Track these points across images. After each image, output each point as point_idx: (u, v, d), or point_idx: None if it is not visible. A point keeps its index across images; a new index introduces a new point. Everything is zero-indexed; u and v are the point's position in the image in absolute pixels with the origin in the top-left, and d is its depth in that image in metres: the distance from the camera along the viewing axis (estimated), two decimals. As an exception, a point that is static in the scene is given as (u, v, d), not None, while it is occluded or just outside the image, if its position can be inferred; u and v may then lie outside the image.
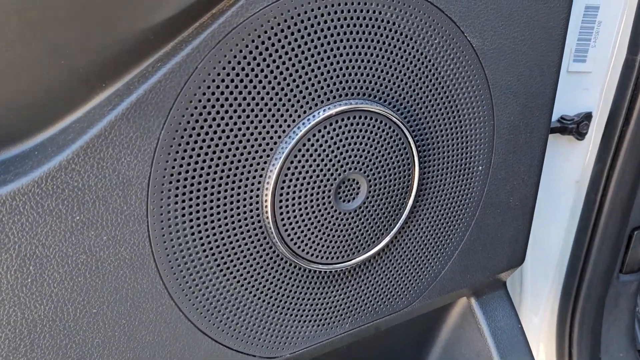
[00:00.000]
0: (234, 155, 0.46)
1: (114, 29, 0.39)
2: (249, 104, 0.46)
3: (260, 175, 0.48)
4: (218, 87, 0.44)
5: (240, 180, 0.48)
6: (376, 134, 0.52)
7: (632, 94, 0.81)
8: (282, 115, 0.47)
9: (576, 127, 0.88)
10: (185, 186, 0.45)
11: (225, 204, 0.48)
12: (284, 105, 0.47)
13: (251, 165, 0.48)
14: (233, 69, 0.44)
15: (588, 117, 0.88)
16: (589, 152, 0.91)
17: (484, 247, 0.65)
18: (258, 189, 0.49)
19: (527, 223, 0.68)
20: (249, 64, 0.45)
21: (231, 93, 0.45)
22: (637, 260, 0.99)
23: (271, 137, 0.48)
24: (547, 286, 1.01)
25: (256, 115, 0.46)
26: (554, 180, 0.93)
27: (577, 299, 0.98)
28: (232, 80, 0.44)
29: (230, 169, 0.47)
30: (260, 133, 0.47)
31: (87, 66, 0.39)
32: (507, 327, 0.72)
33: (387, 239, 0.57)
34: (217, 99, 0.44)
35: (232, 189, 0.47)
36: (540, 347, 1.04)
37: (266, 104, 0.46)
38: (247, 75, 0.45)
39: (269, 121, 0.47)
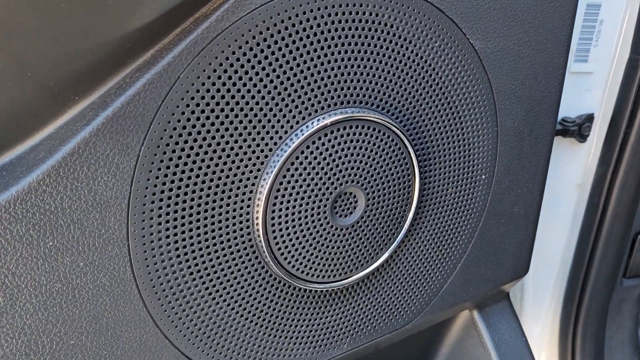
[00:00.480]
0: (222, 171, 0.43)
1: (86, 38, 0.35)
2: (236, 116, 0.42)
3: (251, 192, 0.45)
4: (203, 97, 0.40)
5: (229, 197, 0.44)
6: (374, 144, 0.49)
7: (636, 95, 0.78)
8: (273, 127, 0.44)
9: (578, 129, 0.85)
10: (169, 205, 0.42)
11: (213, 223, 0.44)
12: (274, 115, 0.44)
13: (240, 181, 0.44)
14: (219, 77, 0.41)
15: (590, 118, 0.85)
16: (591, 155, 0.88)
17: (487, 258, 0.62)
18: (249, 206, 0.45)
19: (531, 232, 0.65)
20: (235, 72, 0.41)
21: (217, 104, 0.41)
22: (640, 265, 0.96)
23: (262, 151, 0.44)
24: (548, 293, 0.98)
25: (245, 128, 0.43)
26: (555, 184, 0.90)
27: (580, 306, 0.95)
28: (218, 90, 0.41)
29: (217, 186, 0.43)
30: (249, 146, 0.43)
31: (57, 79, 0.36)
32: (511, 340, 0.69)
33: (387, 254, 0.53)
34: (202, 111, 0.41)
35: (221, 206, 0.44)
36: (542, 356, 1.01)
37: (255, 115, 0.43)
38: (234, 84, 0.41)
39: (259, 133, 0.44)
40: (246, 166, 0.44)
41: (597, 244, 0.91)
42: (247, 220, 0.46)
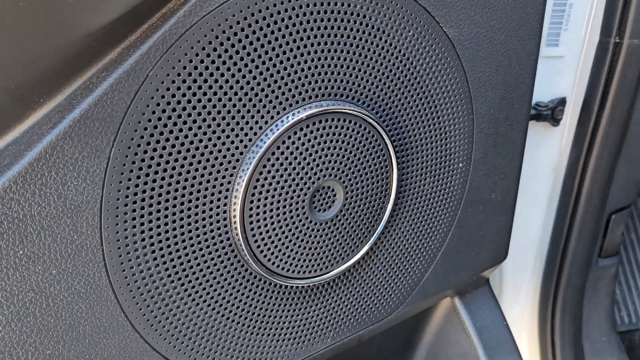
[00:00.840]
0: (196, 170, 0.42)
1: (47, 38, 0.34)
2: (209, 113, 0.41)
3: (227, 190, 0.44)
4: (174, 95, 0.39)
5: (205, 197, 0.43)
6: (351, 137, 0.48)
7: (607, 78, 0.79)
8: (247, 123, 0.43)
9: (551, 113, 0.86)
10: (143, 207, 0.41)
11: (189, 223, 0.43)
12: (248, 111, 0.43)
13: (216, 179, 0.43)
14: (189, 74, 0.39)
15: (562, 102, 0.86)
16: (565, 138, 0.89)
17: (467, 246, 0.62)
18: (225, 204, 0.44)
19: (509, 218, 0.65)
20: (207, 68, 0.40)
21: (189, 102, 0.40)
22: (615, 244, 0.98)
23: (236, 147, 0.43)
24: (527, 275, 0.99)
25: (218, 125, 0.42)
26: (530, 168, 0.91)
27: (558, 286, 0.96)
28: (189, 88, 0.40)
29: (192, 185, 0.42)
30: (224, 144, 0.42)
31: (19, 82, 0.34)
32: (492, 326, 0.70)
33: (367, 247, 0.53)
34: (174, 109, 0.40)
35: (197, 206, 0.43)
36: (523, 337, 1.02)
37: (229, 112, 0.42)
38: (205, 81, 0.40)
39: (232, 130, 0.43)
40: (221, 164, 0.43)
41: (572, 226, 0.92)
42: (225, 219, 0.45)
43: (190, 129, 0.41)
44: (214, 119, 0.41)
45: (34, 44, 0.33)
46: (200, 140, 0.41)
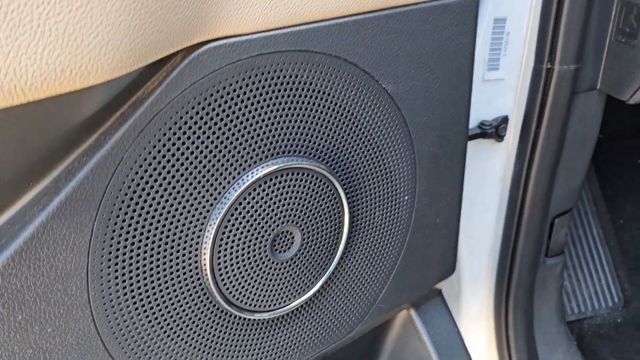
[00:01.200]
0: (169, 230, 0.48)
1: (37, 138, 0.39)
2: (178, 181, 0.47)
3: (197, 243, 0.50)
4: (146, 171, 0.45)
5: (178, 251, 0.49)
6: (305, 187, 0.55)
7: (542, 100, 0.87)
8: (212, 185, 0.49)
9: (495, 130, 0.93)
10: (124, 267, 0.47)
11: (165, 276, 0.49)
12: (212, 175, 0.49)
13: (187, 235, 0.49)
14: (159, 152, 0.46)
15: (505, 120, 0.94)
16: (509, 152, 0.97)
17: (416, 266, 0.70)
18: (196, 255, 0.51)
19: (454, 238, 0.73)
20: (174, 144, 0.46)
21: (159, 174, 0.46)
22: (559, 244, 1.07)
23: (203, 207, 0.49)
24: (482, 277, 1.08)
25: (187, 190, 0.48)
26: (480, 179, 0.99)
27: (510, 285, 1.05)
28: (159, 162, 0.46)
29: (166, 243, 0.48)
30: (192, 205, 0.49)
31: (11, 175, 0.40)
32: (445, 332, 0.78)
33: (324, 279, 0.60)
34: (147, 182, 0.46)
35: (171, 260, 0.49)
36: (482, 333, 1.11)
37: (195, 178, 0.48)
38: (173, 155, 0.46)
39: (199, 192, 0.49)
40: (191, 222, 0.49)
41: (520, 230, 1.01)
42: (196, 268, 0.51)
43: (162, 196, 0.47)
44: (182, 186, 0.48)
45: (24, 146, 0.39)
46: (172, 205, 0.48)
